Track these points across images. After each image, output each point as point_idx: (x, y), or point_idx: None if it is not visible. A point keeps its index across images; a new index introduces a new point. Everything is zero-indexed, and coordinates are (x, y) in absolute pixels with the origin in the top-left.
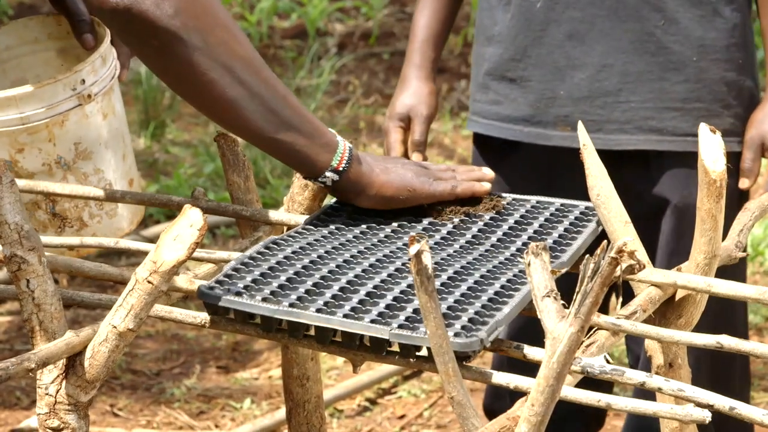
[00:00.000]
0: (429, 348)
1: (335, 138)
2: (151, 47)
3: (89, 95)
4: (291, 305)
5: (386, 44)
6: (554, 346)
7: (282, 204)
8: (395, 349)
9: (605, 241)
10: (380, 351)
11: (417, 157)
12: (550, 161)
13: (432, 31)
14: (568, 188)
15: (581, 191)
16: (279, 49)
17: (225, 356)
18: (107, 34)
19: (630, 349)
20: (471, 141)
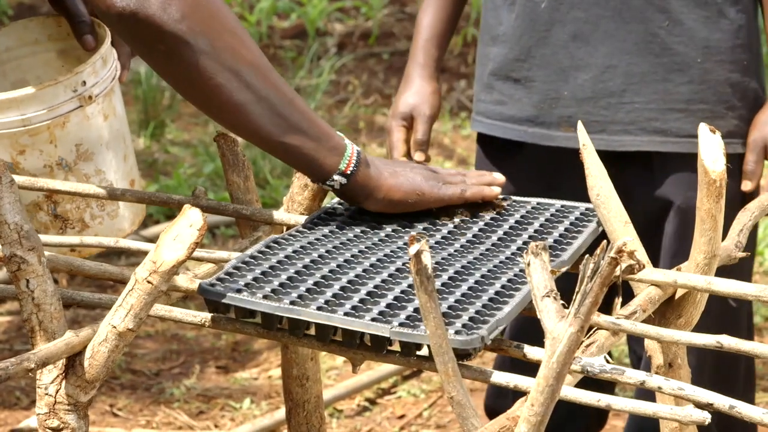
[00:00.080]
0: (429, 347)
1: (343, 141)
2: (158, 52)
3: (90, 96)
4: (292, 303)
5: (386, 44)
6: (554, 346)
7: (282, 204)
8: (395, 349)
9: (605, 241)
10: (380, 350)
11: (419, 157)
12: (554, 162)
13: (436, 31)
14: (571, 189)
15: (584, 192)
16: (278, 49)
17: (224, 356)
18: (107, 35)
19: (632, 350)
20: (471, 141)
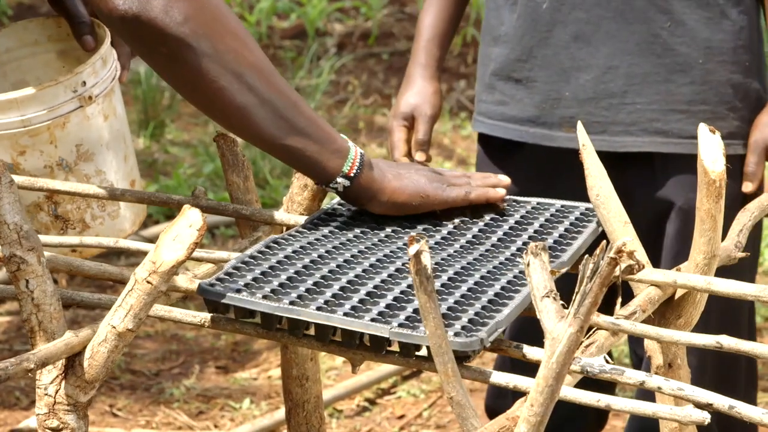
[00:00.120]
0: (428, 347)
1: (347, 144)
2: (161, 55)
3: (90, 97)
4: (291, 303)
5: (385, 44)
6: (553, 347)
7: (281, 204)
8: (395, 349)
9: (604, 242)
10: (380, 350)
11: (420, 156)
12: (555, 162)
13: (438, 30)
14: (572, 189)
15: (584, 192)
16: (278, 50)
17: (224, 356)
18: (107, 36)
19: (633, 351)
20: (470, 141)
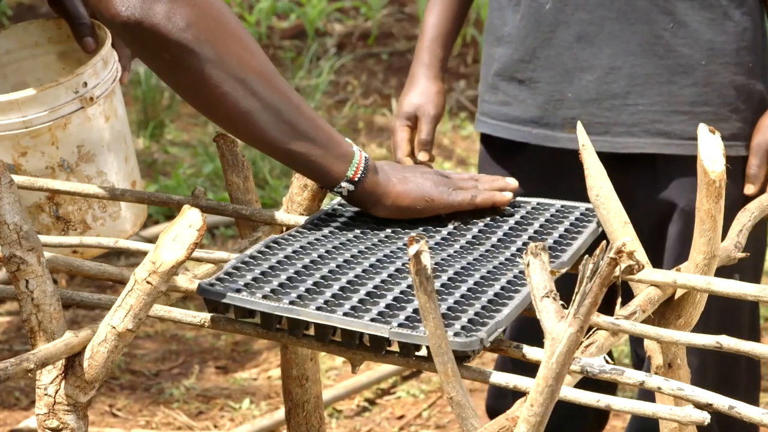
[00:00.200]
0: (428, 347)
1: (351, 148)
2: (163, 60)
3: (91, 98)
4: (291, 303)
5: (385, 44)
6: (553, 347)
7: (281, 204)
8: (394, 349)
9: (604, 242)
10: (379, 350)
11: (423, 156)
12: (557, 163)
13: (441, 30)
14: (574, 190)
15: (585, 193)
16: (278, 50)
17: (224, 356)
18: (108, 37)
19: (634, 352)
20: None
